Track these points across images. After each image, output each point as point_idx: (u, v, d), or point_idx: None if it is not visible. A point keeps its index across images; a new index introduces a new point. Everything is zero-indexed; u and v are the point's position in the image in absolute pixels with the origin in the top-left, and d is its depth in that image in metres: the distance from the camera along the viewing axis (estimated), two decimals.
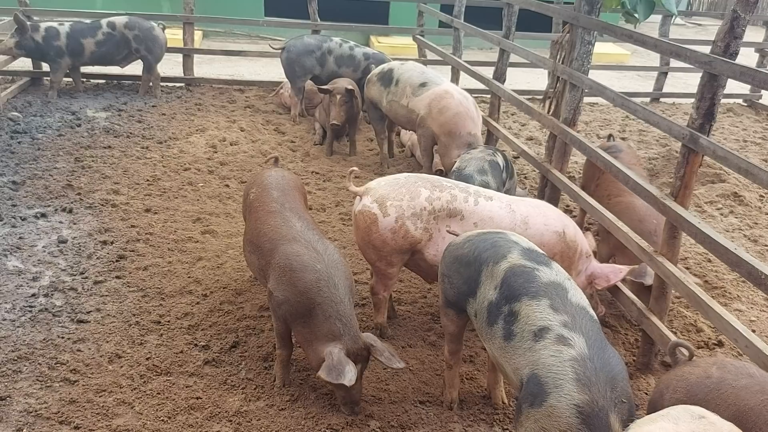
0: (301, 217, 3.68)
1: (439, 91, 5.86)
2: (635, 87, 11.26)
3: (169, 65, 9.52)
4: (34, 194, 5.51)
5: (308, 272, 3.31)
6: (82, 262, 4.60)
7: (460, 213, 3.75)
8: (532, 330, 2.70)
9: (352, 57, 7.98)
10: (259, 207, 3.77)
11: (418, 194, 3.76)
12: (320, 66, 7.97)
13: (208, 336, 3.95)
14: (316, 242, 3.48)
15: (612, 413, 2.45)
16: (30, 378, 3.48)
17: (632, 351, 4.16)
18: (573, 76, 5.01)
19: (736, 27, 3.40)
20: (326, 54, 7.95)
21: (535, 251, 3.03)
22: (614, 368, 2.57)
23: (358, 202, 3.85)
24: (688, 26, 18.14)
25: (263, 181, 3.98)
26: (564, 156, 5.22)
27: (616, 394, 2.50)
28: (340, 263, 3.45)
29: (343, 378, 3.09)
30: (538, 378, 2.59)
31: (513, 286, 2.86)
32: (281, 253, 3.42)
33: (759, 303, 4.79)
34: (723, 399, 2.56)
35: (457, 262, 3.17)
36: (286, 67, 7.96)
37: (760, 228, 5.98)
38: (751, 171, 3.22)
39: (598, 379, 2.50)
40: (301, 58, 7.88)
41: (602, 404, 2.46)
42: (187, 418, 3.29)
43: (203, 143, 6.98)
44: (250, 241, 3.74)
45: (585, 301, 2.83)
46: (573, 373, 2.52)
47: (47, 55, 7.84)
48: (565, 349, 2.59)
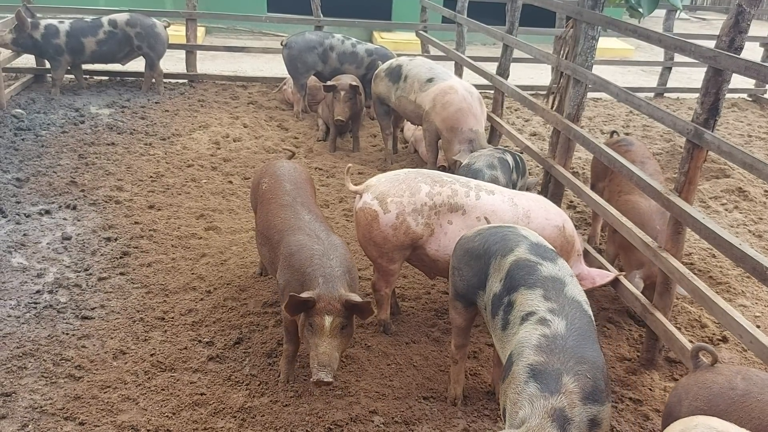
0: (311, 211, 3.70)
1: (444, 87, 5.86)
2: (639, 82, 11.22)
3: (172, 62, 9.52)
4: (38, 191, 5.52)
5: (305, 251, 3.33)
6: (87, 259, 4.61)
7: (461, 208, 3.75)
8: (521, 316, 2.74)
9: (355, 54, 7.96)
10: (272, 199, 3.78)
11: (418, 190, 3.76)
12: (323, 62, 7.95)
13: (212, 332, 3.95)
14: (320, 231, 3.50)
15: (567, 375, 2.39)
16: (35, 374, 3.49)
17: (636, 347, 4.16)
18: (577, 72, 4.99)
19: (740, 21, 3.38)
20: (328, 50, 7.93)
21: (543, 246, 3.04)
22: (587, 352, 2.51)
23: (359, 200, 3.86)
24: (692, 21, 18.06)
25: (276, 171, 3.98)
26: (567, 152, 5.20)
27: (581, 369, 2.42)
28: (341, 247, 3.43)
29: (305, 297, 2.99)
30: (511, 354, 2.63)
31: (515, 278, 2.89)
32: (285, 243, 3.45)
33: (764, 299, 4.78)
34: (747, 413, 2.43)
35: (467, 255, 3.19)
36: (288, 63, 7.95)
37: (765, 223, 5.96)
38: (755, 166, 3.20)
39: (562, 352, 2.47)
40: (302, 54, 7.86)
41: (557, 367, 2.42)
42: (191, 414, 3.30)
43: (206, 140, 6.98)
44: (261, 233, 3.76)
45: (582, 297, 2.82)
46: (536, 342, 2.55)
47: (46, 52, 7.83)
48: (540, 327, 2.61)
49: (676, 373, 3.94)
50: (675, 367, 3.98)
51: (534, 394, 2.39)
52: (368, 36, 13.30)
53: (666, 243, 3.81)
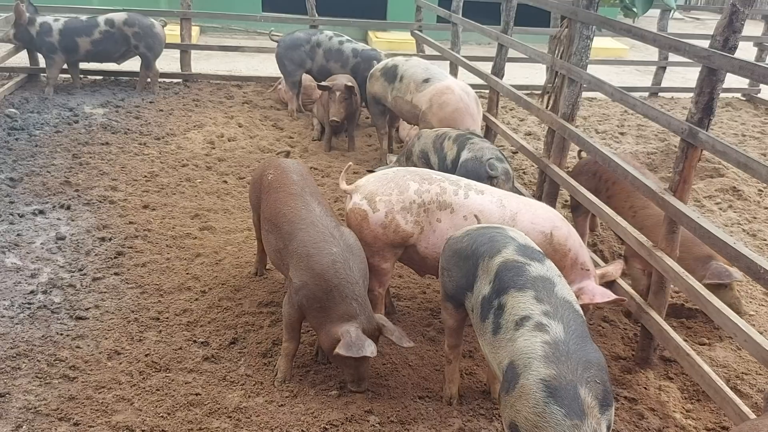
0: (321, 203, 3.73)
1: (441, 87, 5.86)
2: (634, 81, 11.25)
3: (166, 61, 9.49)
4: (32, 191, 5.50)
5: (324, 255, 3.37)
6: (81, 259, 4.59)
7: (450, 206, 3.75)
8: (515, 320, 2.70)
9: (341, 51, 7.86)
10: (280, 188, 3.79)
11: (406, 188, 3.76)
12: (310, 59, 7.94)
13: (207, 332, 3.95)
14: (332, 228, 3.54)
15: (582, 387, 2.39)
16: (29, 375, 3.47)
17: (631, 346, 4.16)
18: (571, 71, 5.00)
19: (734, 21, 3.39)
20: (315, 47, 7.93)
21: (530, 247, 3.04)
22: (590, 354, 2.52)
23: (349, 200, 3.86)
24: (686, 20, 18.12)
25: (281, 164, 4.00)
26: (562, 151, 5.21)
27: (589, 375, 2.44)
28: (356, 247, 3.53)
29: (365, 351, 3.18)
30: (513, 364, 2.58)
31: (504, 279, 2.87)
32: (299, 240, 3.47)
33: (758, 297, 4.80)
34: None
35: (456, 256, 3.19)
36: (278, 62, 8.01)
37: (759, 222, 5.98)
38: (749, 165, 3.21)
39: (568, 359, 2.46)
40: (289, 52, 7.90)
41: (570, 378, 2.40)
42: (186, 414, 3.29)
43: (201, 139, 6.96)
44: (268, 220, 3.76)
45: (572, 297, 2.82)
46: (542, 352, 2.51)
47: (41, 49, 7.83)
48: (540, 334, 2.58)
49: (671, 371, 3.95)
50: (670, 365, 3.99)
51: (561, 422, 2.34)
52: (363, 35, 13.30)
53: (660, 242, 3.81)
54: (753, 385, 3.85)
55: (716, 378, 3.36)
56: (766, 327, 4.40)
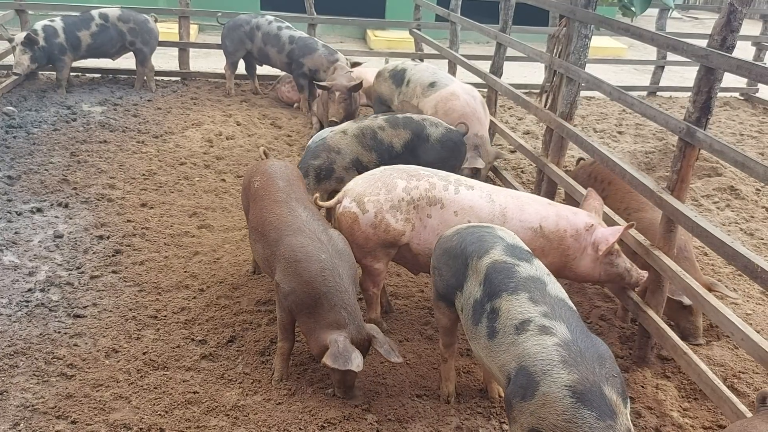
0: (307, 207, 3.69)
1: (446, 93, 5.82)
2: (632, 81, 11.26)
3: (165, 59, 9.49)
4: (30, 189, 5.50)
5: (313, 262, 3.34)
6: (79, 257, 4.59)
7: (440, 201, 3.74)
8: (514, 324, 2.71)
9: (278, 37, 8.04)
10: (265, 196, 3.77)
11: (394, 186, 3.75)
12: (250, 41, 8.18)
13: (205, 330, 3.95)
14: (320, 232, 3.50)
15: (605, 386, 2.43)
16: (27, 373, 3.47)
17: (629, 345, 4.17)
18: (570, 70, 5.01)
19: (732, 20, 3.39)
20: (255, 29, 8.15)
21: (518, 247, 3.05)
22: (599, 348, 2.58)
23: (339, 206, 3.85)
24: (684, 20, 18.13)
25: (267, 170, 3.97)
26: (561, 150, 5.22)
27: (606, 370, 2.49)
28: (345, 252, 3.49)
29: (351, 364, 3.13)
30: (526, 369, 2.58)
31: (494, 282, 2.88)
32: (286, 245, 3.43)
33: (755, 296, 4.80)
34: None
35: (446, 255, 3.20)
36: (222, 42, 8.32)
37: (756, 221, 5.99)
38: (747, 164, 3.22)
39: (584, 359, 2.49)
40: (231, 32, 8.22)
41: (593, 380, 2.44)
42: (184, 412, 3.29)
43: (199, 137, 6.96)
44: (255, 230, 3.74)
45: (563, 294, 2.86)
46: (559, 357, 2.52)
47: (53, 54, 7.77)
48: (547, 337, 2.60)
49: (668, 370, 3.95)
50: (667, 364, 3.99)
51: (594, 426, 2.36)
52: (362, 34, 13.30)
53: (658, 241, 3.82)
54: (750, 383, 3.85)
55: (713, 377, 3.37)
56: (763, 326, 4.41)
